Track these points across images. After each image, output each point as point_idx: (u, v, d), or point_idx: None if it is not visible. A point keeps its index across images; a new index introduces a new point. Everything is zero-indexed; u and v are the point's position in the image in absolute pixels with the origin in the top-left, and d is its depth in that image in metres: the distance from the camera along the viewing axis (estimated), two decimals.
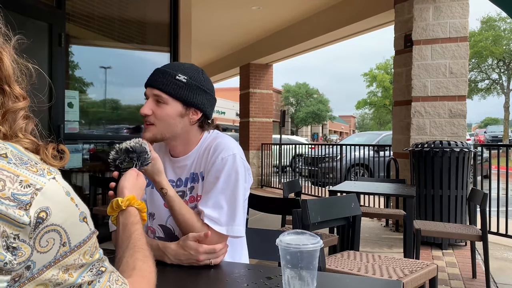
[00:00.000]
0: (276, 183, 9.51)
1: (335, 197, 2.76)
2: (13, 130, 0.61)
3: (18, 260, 0.51)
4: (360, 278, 1.41)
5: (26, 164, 0.56)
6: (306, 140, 25.06)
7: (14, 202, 0.51)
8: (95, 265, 0.62)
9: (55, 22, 3.75)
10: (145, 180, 1.17)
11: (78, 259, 0.58)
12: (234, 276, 1.13)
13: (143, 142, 1.19)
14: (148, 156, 1.18)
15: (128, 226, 0.98)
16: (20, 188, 0.53)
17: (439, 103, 4.66)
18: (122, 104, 4.87)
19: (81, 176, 4.24)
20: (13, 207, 0.51)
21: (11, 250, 0.51)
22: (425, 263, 2.15)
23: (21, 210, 0.52)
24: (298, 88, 41.64)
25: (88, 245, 0.60)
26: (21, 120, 0.63)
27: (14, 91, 0.62)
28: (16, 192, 0.52)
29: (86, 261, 0.60)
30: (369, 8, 6.19)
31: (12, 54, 0.63)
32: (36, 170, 0.56)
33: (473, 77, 28.43)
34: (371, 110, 40.94)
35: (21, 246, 0.52)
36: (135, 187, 1.10)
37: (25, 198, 0.52)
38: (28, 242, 0.52)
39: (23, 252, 0.52)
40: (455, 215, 4.12)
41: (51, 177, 0.57)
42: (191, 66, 1.32)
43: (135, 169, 1.15)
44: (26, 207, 0.52)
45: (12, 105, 0.62)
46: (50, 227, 0.54)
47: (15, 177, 0.53)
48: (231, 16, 7.57)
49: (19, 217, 0.51)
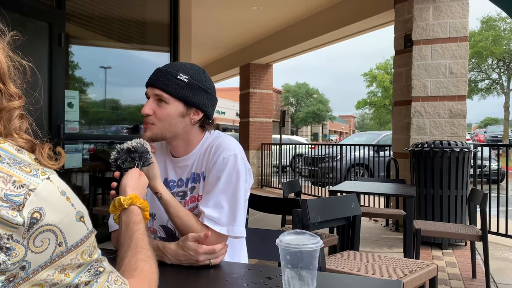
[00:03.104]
0: (276, 183, 9.51)
1: (335, 197, 2.76)
2: (8, 129, 0.60)
3: (12, 261, 0.51)
4: (360, 278, 1.41)
5: (19, 164, 0.55)
6: (306, 140, 25.05)
7: (7, 203, 0.51)
8: (93, 265, 0.61)
9: (55, 22, 3.75)
10: (147, 180, 1.17)
11: (75, 259, 0.58)
12: (234, 276, 1.13)
13: (144, 142, 1.19)
14: (150, 156, 1.18)
15: (131, 225, 0.97)
16: (13, 189, 0.52)
17: (439, 103, 4.65)
18: (122, 104, 4.86)
19: (81, 176, 4.24)
20: (6, 208, 0.51)
21: (4, 251, 0.51)
22: (425, 263, 2.15)
23: (14, 211, 0.51)
24: (298, 88, 41.62)
25: (86, 244, 0.59)
26: (16, 120, 0.62)
27: (9, 89, 0.61)
28: (9, 193, 0.52)
29: (84, 261, 0.59)
30: (369, 8, 6.19)
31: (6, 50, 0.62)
32: (29, 170, 0.55)
33: (473, 77, 28.43)
34: (371, 110, 40.92)
35: (15, 246, 0.51)
36: (138, 186, 1.10)
37: (18, 199, 0.52)
38: (22, 243, 0.52)
39: (17, 253, 0.52)
40: (455, 215, 4.12)
41: (45, 177, 0.56)
42: (193, 65, 1.31)
43: (137, 169, 1.15)
44: (19, 208, 0.52)
45: (7, 104, 0.61)
46: (45, 227, 0.54)
47: (8, 177, 0.53)
48: (231, 16, 7.57)
49: (12, 218, 0.51)
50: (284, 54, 9.06)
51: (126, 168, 1.15)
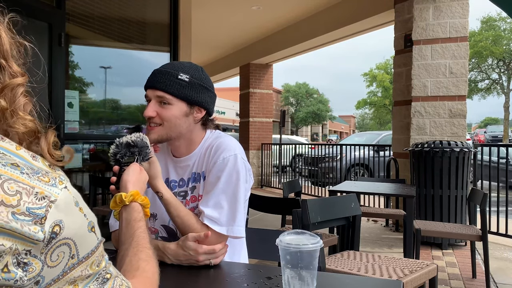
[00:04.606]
0: (276, 183, 9.51)
1: (335, 197, 2.76)
2: (14, 107, 0.59)
3: (28, 276, 0.50)
4: (360, 278, 1.41)
5: (37, 173, 0.54)
6: (306, 140, 25.05)
7: (30, 217, 0.50)
8: (101, 274, 0.60)
9: (55, 22, 3.75)
10: (147, 176, 1.16)
11: (85, 270, 0.57)
12: (234, 276, 1.13)
13: (144, 137, 1.18)
14: (149, 150, 1.17)
15: (132, 222, 0.96)
16: (35, 201, 0.51)
17: (439, 103, 4.65)
18: (122, 104, 4.86)
19: (81, 176, 4.24)
20: (28, 223, 0.49)
21: (22, 266, 0.49)
22: (425, 263, 2.15)
23: (37, 226, 0.50)
24: (298, 88, 41.61)
25: (96, 255, 0.59)
26: (22, 98, 0.61)
27: (12, 66, 0.60)
28: (31, 206, 0.50)
29: (93, 271, 0.58)
30: (369, 8, 6.19)
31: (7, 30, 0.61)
32: (48, 180, 0.54)
33: (473, 77, 28.42)
34: (371, 110, 40.92)
35: (32, 261, 0.50)
36: (139, 182, 1.08)
37: (40, 211, 0.51)
38: (39, 258, 0.51)
39: (34, 268, 0.50)
40: (455, 215, 4.12)
41: (63, 187, 0.55)
42: (190, 64, 1.32)
43: (137, 164, 1.13)
44: (42, 221, 0.51)
45: (10, 81, 0.59)
46: (62, 241, 0.53)
47: (31, 189, 0.51)
48: (231, 16, 7.57)
49: (34, 234, 0.50)
50: (284, 54, 9.06)
51: (125, 162, 1.13)
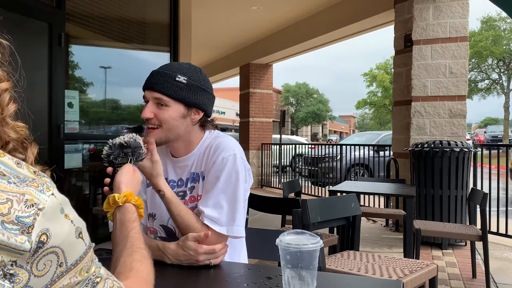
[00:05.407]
0: (276, 183, 9.51)
1: (335, 197, 2.76)
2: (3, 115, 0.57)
3: (16, 287, 0.49)
4: (360, 278, 1.41)
5: (24, 181, 0.52)
6: (306, 140, 25.05)
7: (18, 226, 0.49)
8: (90, 279, 0.59)
9: (55, 22, 3.75)
10: (141, 176, 1.16)
11: (73, 277, 0.56)
12: (234, 276, 1.13)
13: (137, 137, 1.17)
14: (143, 151, 1.17)
15: (126, 223, 0.95)
16: (24, 209, 0.50)
17: (439, 103, 4.65)
18: (122, 104, 4.86)
19: (81, 176, 4.24)
20: (15, 233, 0.48)
21: (8, 278, 0.48)
22: (425, 263, 2.15)
23: (23, 235, 0.49)
24: (298, 88, 41.62)
25: (85, 261, 0.57)
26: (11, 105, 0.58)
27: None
28: (20, 215, 0.49)
29: (82, 278, 0.57)
30: (369, 8, 6.19)
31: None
32: (36, 185, 0.53)
33: (473, 77, 28.43)
34: (371, 110, 40.93)
35: (18, 272, 0.49)
36: (132, 183, 1.08)
37: (28, 220, 0.50)
38: (25, 268, 0.50)
39: (21, 278, 0.49)
40: (455, 215, 4.12)
41: (50, 193, 0.53)
42: (189, 65, 1.31)
43: (131, 165, 1.13)
44: (29, 230, 0.49)
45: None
46: (49, 250, 0.51)
47: (21, 196, 0.50)
48: (231, 16, 7.57)
49: (20, 245, 0.48)
50: (284, 54, 9.06)
51: (118, 163, 1.13)
